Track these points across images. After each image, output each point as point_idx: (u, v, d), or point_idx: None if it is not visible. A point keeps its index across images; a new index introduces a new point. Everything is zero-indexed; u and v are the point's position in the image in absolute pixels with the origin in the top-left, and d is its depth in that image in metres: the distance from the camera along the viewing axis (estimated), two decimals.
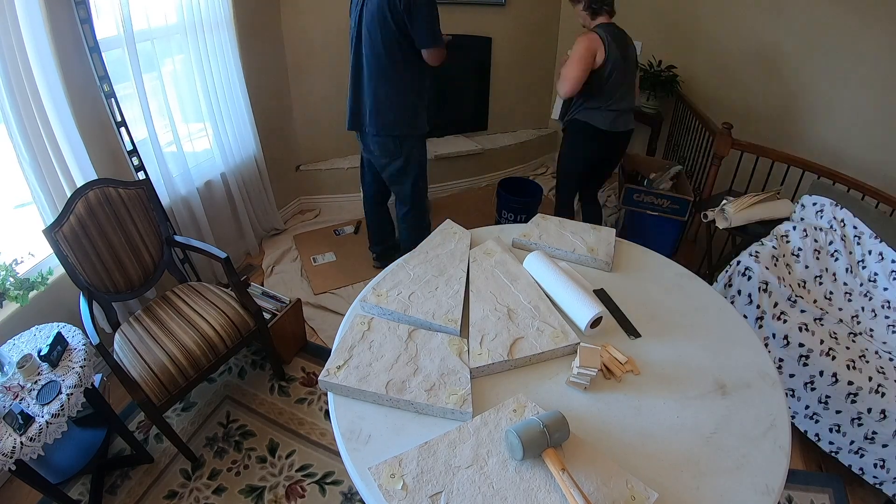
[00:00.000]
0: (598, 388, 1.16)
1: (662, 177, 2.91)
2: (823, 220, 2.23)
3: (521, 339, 1.24)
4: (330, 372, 1.15)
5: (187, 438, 1.97)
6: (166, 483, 1.83)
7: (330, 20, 3.00)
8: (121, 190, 1.90)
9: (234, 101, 2.62)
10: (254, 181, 2.91)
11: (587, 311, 1.28)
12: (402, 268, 1.48)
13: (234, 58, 2.55)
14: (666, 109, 3.67)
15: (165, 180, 2.31)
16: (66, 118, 1.84)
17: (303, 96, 3.16)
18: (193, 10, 2.28)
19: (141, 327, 1.86)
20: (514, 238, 1.64)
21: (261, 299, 2.28)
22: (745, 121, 3.23)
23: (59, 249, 1.71)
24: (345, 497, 1.79)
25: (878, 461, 1.71)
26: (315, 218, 3.41)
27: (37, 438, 1.37)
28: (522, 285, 1.41)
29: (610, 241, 1.62)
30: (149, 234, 1.98)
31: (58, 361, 1.54)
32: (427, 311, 1.31)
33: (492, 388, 1.16)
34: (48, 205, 1.88)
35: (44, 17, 1.71)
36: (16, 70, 1.68)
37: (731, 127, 2.53)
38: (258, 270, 2.92)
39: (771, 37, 3.02)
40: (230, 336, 1.88)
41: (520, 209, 3.07)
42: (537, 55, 3.80)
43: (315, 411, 2.10)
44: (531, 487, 0.94)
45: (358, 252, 3.04)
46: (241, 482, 1.84)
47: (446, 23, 3.31)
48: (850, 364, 1.76)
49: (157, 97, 2.28)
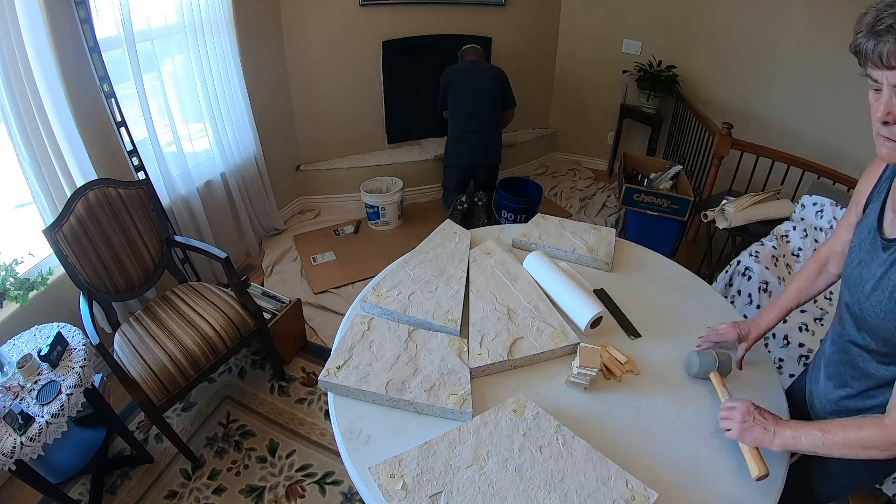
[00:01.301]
0: (598, 388, 1.16)
1: (662, 177, 2.91)
2: (823, 220, 2.23)
3: (520, 339, 1.24)
4: (330, 372, 1.15)
5: (187, 438, 1.97)
6: (166, 483, 1.83)
7: (330, 20, 3.01)
8: (121, 190, 1.90)
9: (234, 101, 2.62)
10: (254, 181, 2.91)
11: (587, 311, 1.28)
12: (402, 268, 1.48)
13: (234, 58, 2.55)
14: (666, 109, 3.68)
15: (165, 180, 2.31)
16: (66, 118, 1.84)
17: (303, 96, 3.16)
18: (193, 10, 2.29)
19: (141, 327, 1.86)
20: (513, 238, 1.64)
21: (261, 299, 2.28)
22: (745, 121, 3.23)
23: (59, 249, 1.71)
24: (345, 497, 1.79)
25: None
26: (315, 218, 3.41)
27: (37, 438, 1.37)
28: (522, 285, 1.41)
29: (610, 241, 1.62)
30: (149, 234, 1.98)
31: (58, 361, 1.54)
32: (427, 311, 1.31)
33: (492, 388, 1.16)
34: (48, 205, 1.88)
35: (44, 17, 1.71)
36: (16, 70, 1.68)
37: (731, 127, 2.53)
38: (258, 270, 2.92)
39: (771, 37, 3.02)
40: (230, 336, 1.88)
41: (519, 209, 3.07)
42: (537, 55, 3.80)
43: (315, 411, 2.10)
44: (531, 487, 0.94)
45: (358, 252, 3.04)
46: (241, 482, 1.84)
47: (447, 22, 3.33)
48: None
49: (156, 97, 2.28)
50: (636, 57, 3.59)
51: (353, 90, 3.27)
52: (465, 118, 3.09)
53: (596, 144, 4.15)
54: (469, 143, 3.14)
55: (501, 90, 3.10)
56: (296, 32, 2.96)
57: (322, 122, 3.29)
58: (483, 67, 3.12)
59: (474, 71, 3.11)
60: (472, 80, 3.08)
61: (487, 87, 3.06)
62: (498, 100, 3.10)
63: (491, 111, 3.09)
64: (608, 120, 3.97)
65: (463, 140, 3.14)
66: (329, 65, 3.12)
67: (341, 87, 3.23)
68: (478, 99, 3.06)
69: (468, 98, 3.07)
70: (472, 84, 3.07)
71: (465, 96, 3.07)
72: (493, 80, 3.06)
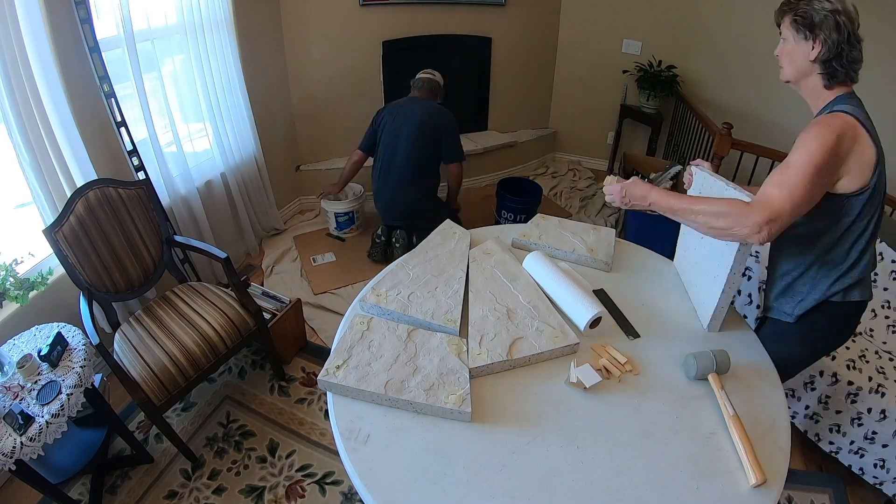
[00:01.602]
0: (597, 389, 1.16)
1: (662, 177, 2.91)
2: None
3: (520, 339, 1.24)
4: (329, 371, 1.15)
5: (187, 438, 1.97)
6: (166, 483, 1.83)
7: (330, 20, 3.01)
8: (121, 190, 1.90)
9: (234, 101, 2.62)
10: (254, 181, 2.91)
11: (586, 311, 1.27)
12: (402, 268, 1.48)
13: (234, 58, 2.55)
14: (666, 109, 3.68)
15: (165, 180, 2.31)
16: (66, 118, 1.84)
17: (303, 96, 3.16)
18: (193, 10, 2.29)
19: (141, 327, 1.87)
20: (513, 238, 1.64)
21: (261, 299, 2.28)
22: (745, 121, 3.23)
23: (59, 249, 1.71)
24: (345, 497, 1.79)
25: (878, 461, 1.71)
26: (315, 218, 3.41)
27: (37, 438, 1.37)
28: (522, 285, 1.41)
29: (610, 242, 1.62)
30: (149, 234, 1.98)
31: (58, 361, 1.54)
32: (426, 311, 1.31)
33: (491, 387, 1.16)
34: (48, 205, 1.88)
35: (44, 17, 1.71)
36: (16, 70, 1.68)
37: (731, 127, 2.53)
38: (258, 270, 2.92)
39: (771, 36, 3.01)
40: (230, 336, 1.88)
41: (519, 209, 3.07)
42: (537, 55, 3.80)
43: (315, 411, 2.10)
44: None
45: (357, 252, 3.04)
46: (241, 482, 1.84)
47: (447, 22, 3.33)
48: (850, 364, 1.76)
49: (157, 97, 2.28)
50: (636, 57, 3.59)
51: (353, 90, 3.27)
52: (382, 167, 2.58)
53: (596, 144, 4.15)
54: (382, 199, 2.66)
55: (437, 139, 2.49)
56: (296, 32, 2.96)
57: (322, 122, 3.29)
58: (421, 108, 2.52)
59: (408, 111, 2.51)
60: (399, 123, 2.51)
61: (415, 133, 2.46)
62: (430, 150, 2.49)
63: (415, 164, 2.50)
64: (608, 120, 3.97)
65: (377, 193, 2.67)
66: (329, 65, 3.12)
67: (341, 87, 3.24)
68: (399, 146, 2.50)
69: (390, 144, 2.53)
70: (398, 128, 2.51)
71: (388, 141, 2.54)
72: (426, 125, 2.46)
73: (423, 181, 2.57)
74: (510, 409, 1.11)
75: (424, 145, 2.48)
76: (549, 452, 1.03)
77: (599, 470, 1.00)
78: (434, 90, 2.65)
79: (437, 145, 2.49)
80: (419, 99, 2.61)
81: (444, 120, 2.49)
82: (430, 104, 2.55)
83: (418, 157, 2.49)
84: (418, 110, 2.50)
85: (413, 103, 2.57)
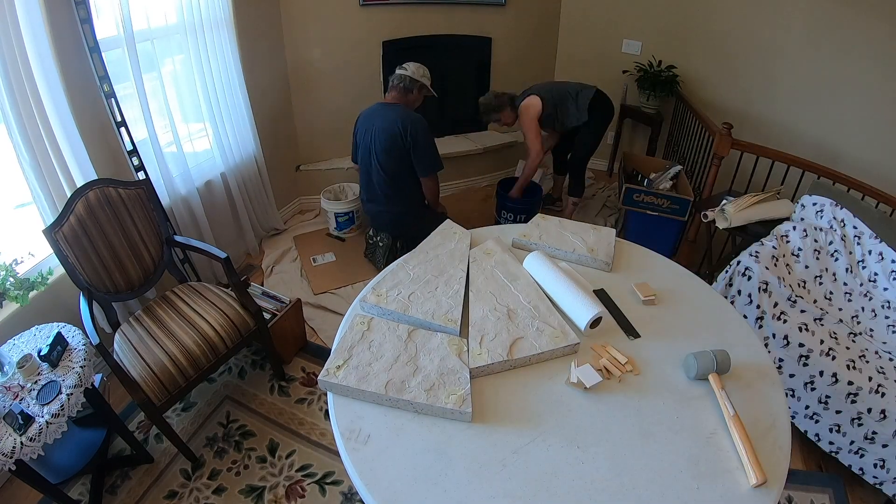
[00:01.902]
0: (597, 389, 1.16)
1: (662, 177, 2.91)
2: (823, 220, 2.23)
3: (520, 339, 1.24)
4: (329, 372, 1.15)
5: (187, 438, 1.97)
6: (166, 483, 1.83)
7: (330, 20, 3.01)
8: (121, 190, 1.90)
9: (234, 101, 2.62)
10: (254, 181, 2.91)
11: (587, 311, 1.28)
12: (402, 268, 1.48)
13: (234, 58, 2.55)
14: (666, 109, 3.68)
15: (165, 180, 2.31)
16: (66, 118, 1.84)
17: (303, 96, 3.16)
18: (193, 10, 2.29)
19: (141, 327, 1.86)
20: (513, 238, 1.64)
21: (261, 299, 2.28)
22: (745, 121, 3.23)
23: (59, 249, 1.71)
24: (345, 497, 1.79)
25: (878, 461, 1.71)
26: (315, 218, 3.41)
27: (37, 438, 1.37)
28: (522, 285, 1.41)
29: (610, 242, 1.62)
30: (149, 234, 1.98)
31: (58, 361, 1.54)
32: (427, 311, 1.31)
33: (492, 387, 1.16)
34: (48, 205, 1.88)
35: (44, 17, 1.71)
36: (16, 70, 1.68)
37: (731, 127, 2.53)
38: (258, 270, 2.92)
39: (771, 36, 3.02)
40: (230, 336, 1.88)
41: (519, 209, 3.08)
42: (537, 55, 3.80)
43: (315, 411, 2.10)
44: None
45: (357, 252, 3.04)
46: (241, 482, 1.84)
47: (447, 22, 3.33)
48: (850, 364, 1.76)
49: (156, 97, 2.28)
50: (636, 57, 3.59)
51: (353, 90, 3.27)
52: (364, 182, 2.48)
53: None
54: (369, 211, 2.58)
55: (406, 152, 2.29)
56: (296, 32, 2.96)
57: (322, 121, 3.29)
58: (384, 119, 2.31)
59: (374, 123, 2.33)
60: (370, 137, 2.35)
61: (383, 148, 2.30)
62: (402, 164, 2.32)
63: (391, 178, 2.37)
64: None
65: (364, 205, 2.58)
66: (329, 65, 3.12)
67: (341, 87, 3.23)
68: (373, 162, 2.37)
69: (365, 158, 2.40)
70: (370, 142, 2.35)
71: (364, 155, 2.40)
72: (392, 140, 2.28)
73: (402, 195, 2.46)
74: (511, 410, 1.11)
75: (396, 160, 2.33)
76: (550, 452, 1.03)
77: (600, 470, 1.00)
78: (408, 87, 2.41)
79: (408, 157, 2.34)
80: (385, 106, 2.40)
81: (410, 129, 2.27)
82: (394, 113, 2.32)
83: (392, 172, 2.37)
84: (381, 121, 2.32)
85: (378, 113, 2.38)
